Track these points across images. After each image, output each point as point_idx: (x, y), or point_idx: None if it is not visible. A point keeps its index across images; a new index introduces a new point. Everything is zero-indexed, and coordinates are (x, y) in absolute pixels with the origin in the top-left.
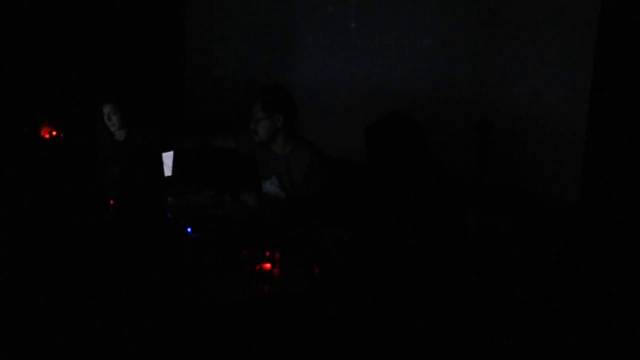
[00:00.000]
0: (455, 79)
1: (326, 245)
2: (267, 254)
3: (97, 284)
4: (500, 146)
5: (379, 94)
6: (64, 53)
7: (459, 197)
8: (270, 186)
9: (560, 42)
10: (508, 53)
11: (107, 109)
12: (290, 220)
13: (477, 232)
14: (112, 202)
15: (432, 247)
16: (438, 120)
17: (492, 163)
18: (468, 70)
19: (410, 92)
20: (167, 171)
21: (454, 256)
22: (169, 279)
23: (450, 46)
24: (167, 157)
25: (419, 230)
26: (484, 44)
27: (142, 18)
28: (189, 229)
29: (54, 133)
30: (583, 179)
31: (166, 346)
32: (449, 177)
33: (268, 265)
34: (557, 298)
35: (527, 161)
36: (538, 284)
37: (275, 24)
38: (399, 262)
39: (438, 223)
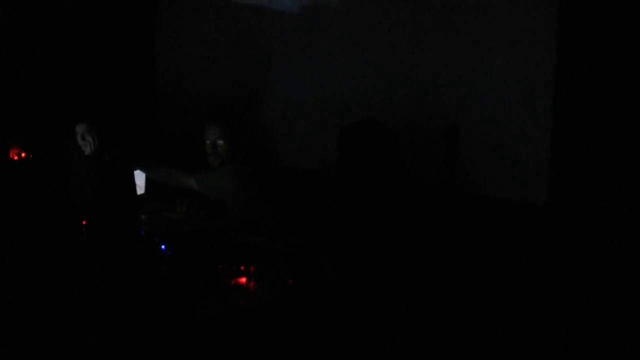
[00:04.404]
0: (420, 86)
1: (318, 260)
2: (242, 268)
3: (72, 303)
4: (467, 151)
5: (347, 104)
6: (31, 73)
7: (428, 205)
8: None
9: (522, 46)
10: (470, 57)
11: (81, 129)
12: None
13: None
14: (84, 221)
15: (399, 255)
16: (406, 127)
17: (460, 168)
18: (432, 77)
19: (377, 101)
20: (140, 189)
21: (422, 264)
22: (144, 297)
23: (413, 53)
24: (139, 176)
25: (384, 238)
26: (445, 50)
27: (111, 36)
28: (163, 246)
29: (23, 154)
30: (550, 181)
31: None
32: (418, 185)
33: (243, 279)
34: (527, 300)
35: (494, 165)
36: (509, 286)
37: (246, 38)
38: (366, 271)
39: (403, 231)
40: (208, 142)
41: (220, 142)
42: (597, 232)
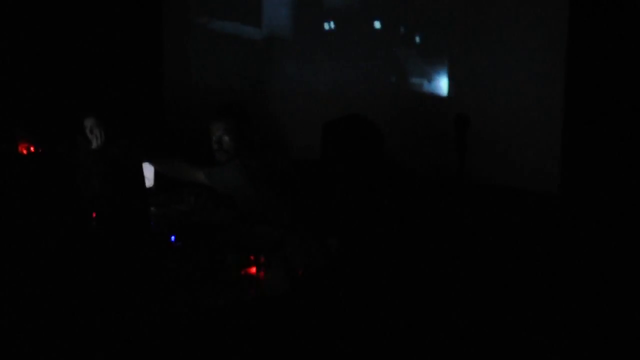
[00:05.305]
0: (432, 77)
1: (326, 242)
2: (252, 257)
3: (82, 296)
4: (479, 141)
5: (355, 97)
6: (40, 68)
7: (414, 197)
8: None
9: (534, 37)
10: (483, 49)
11: (89, 122)
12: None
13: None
14: (94, 214)
15: (382, 244)
16: (416, 119)
17: (470, 158)
18: (444, 68)
19: (386, 93)
20: (148, 182)
21: (407, 254)
22: (154, 289)
23: (425, 45)
24: (147, 168)
25: (368, 228)
26: (458, 42)
27: (118, 29)
28: (172, 238)
29: (32, 149)
30: (562, 170)
31: (153, 356)
32: (404, 178)
33: (253, 269)
34: (540, 289)
35: (506, 155)
36: (522, 276)
37: (251, 32)
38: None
39: (385, 221)
40: (214, 138)
41: (226, 138)
42: (609, 221)
